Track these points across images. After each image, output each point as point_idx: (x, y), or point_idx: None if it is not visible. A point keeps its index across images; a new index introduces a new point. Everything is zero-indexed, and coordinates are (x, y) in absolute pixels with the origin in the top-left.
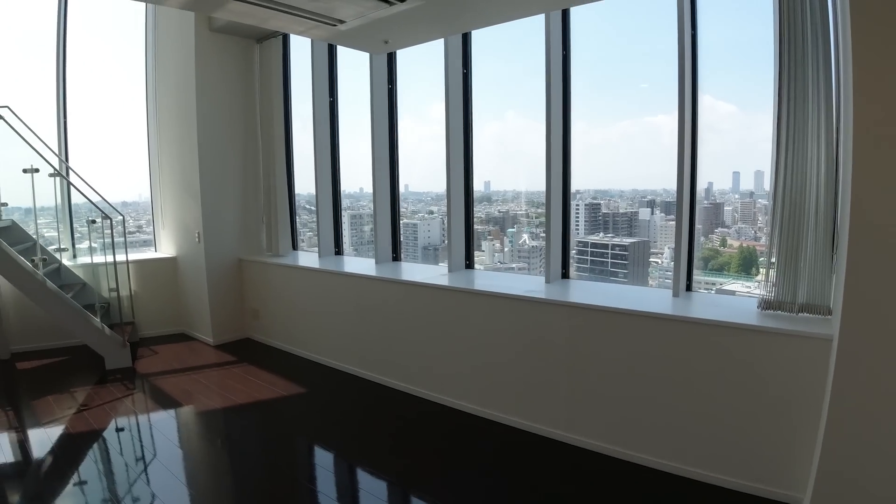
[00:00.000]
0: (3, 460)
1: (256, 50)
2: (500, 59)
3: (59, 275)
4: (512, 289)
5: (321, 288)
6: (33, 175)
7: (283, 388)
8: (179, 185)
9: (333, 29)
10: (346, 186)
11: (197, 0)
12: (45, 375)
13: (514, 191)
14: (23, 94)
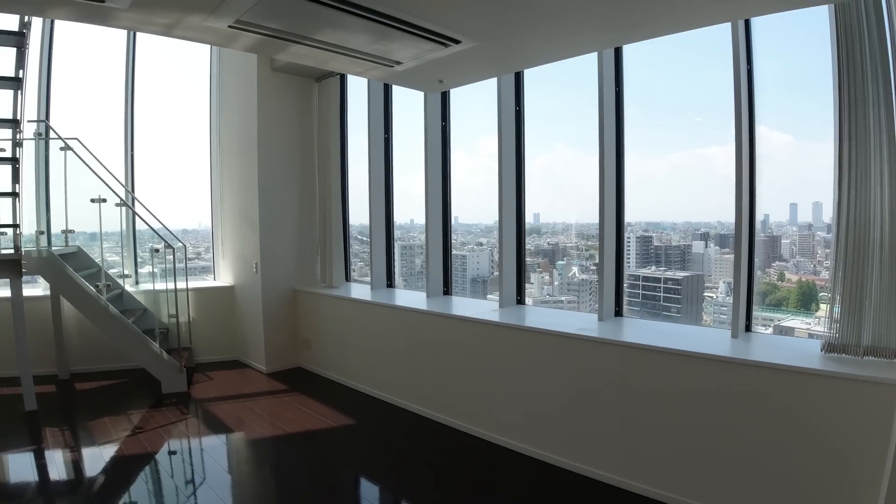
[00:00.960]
0: (57, 478)
1: (315, 88)
2: (550, 91)
3: (121, 300)
4: (564, 326)
5: (372, 320)
6: (100, 204)
7: (333, 419)
8: (239, 216)
9: (390, 70)
10: (397, 217)
11: (261, 43)
12: (103, 397)
13: (564, 223)
14: (93, 126)
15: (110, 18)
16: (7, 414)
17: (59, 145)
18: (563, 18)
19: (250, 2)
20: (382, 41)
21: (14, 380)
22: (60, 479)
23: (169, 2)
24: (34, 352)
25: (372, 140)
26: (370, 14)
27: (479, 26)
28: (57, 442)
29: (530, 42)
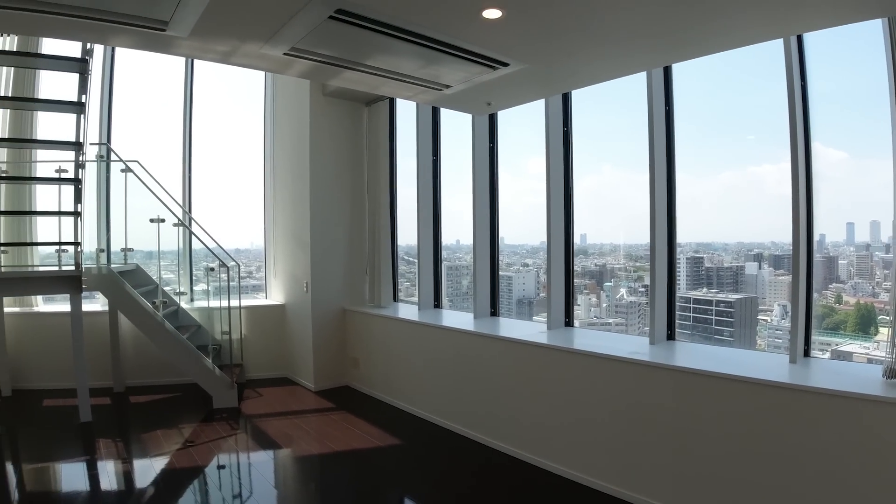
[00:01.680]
0: (108, 488)
1: (365, 112)
2: (595, 111)
3: (176, 316)
4: (614, 350)
5: (420, 340)
6: (159, 224)
7: (379, 439)
8: (291, 237)
9: (439, 93)
10: (443, 238)
11: (315, 69)
12: (156, 410)
13: (612, 244)
14: (153, 149)
15: (171, 46)
16: (63, 424)
17: (120, 167)
18: (613, 40)
19: (305, 30)
20: (432, 65)
21: (71, 391)
22: (111, 489)
23: (227, 30)
24: (91, 365)
25: (420, 162)
26: (421, 40)
27: (527, 49)
28: (110, 453)
29: (579, 63)
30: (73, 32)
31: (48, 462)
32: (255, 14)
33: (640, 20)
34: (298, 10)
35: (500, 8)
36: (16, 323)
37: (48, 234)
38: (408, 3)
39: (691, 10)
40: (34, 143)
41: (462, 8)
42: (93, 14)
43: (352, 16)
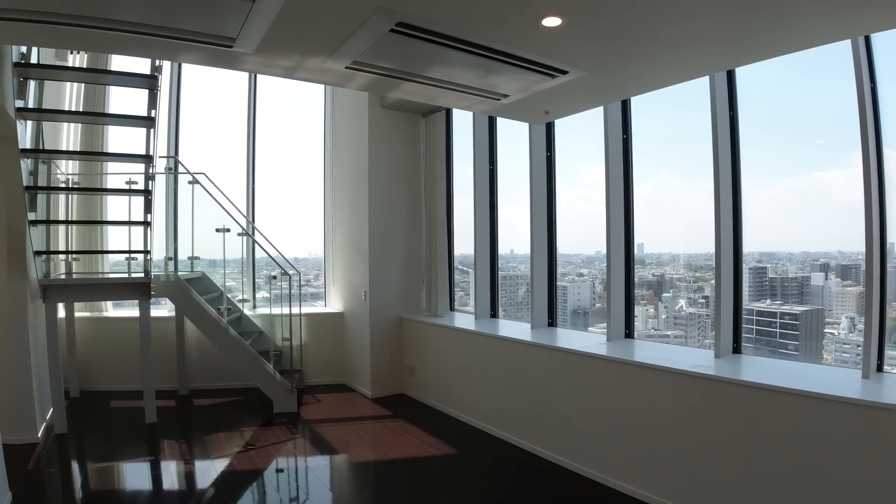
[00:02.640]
0: (170, 488)
1: (422, 123)
2: (653, 117)
3: (240, 323)
4: (677, 363)
5: (476, 350)
6: (224, 234)
7: (434, 448)
8: (350, 246)
9: (497, 103)
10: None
11: (375, 82)
12: (219, 413)
13: (670, 253)
14: (218, 161)
15: (237, 62)
16: (129, 425)
17: (188, 179)
18: (675, 45)
19: (366, 44)
20: (490, 75)
21: (138, 393)
22: (173, 489)
23: (291, 46)
24: (157, 368)
25: (477, 171)
26: (479, 50)
27: (587, 57)
28: (173, 454)
29: (640, 70)
30: (144, 50)
31: (114, 461)
32: (319, 29)
33: (703, 25)
34: (360, 25)
35: (560, 16)
36: (86, 327)
37: (117, 243)
38: (467, 14)
39: (757, 14)
40: (106, 156)
41: (521, 17)
42: (163, 32)
43: (412, 28)
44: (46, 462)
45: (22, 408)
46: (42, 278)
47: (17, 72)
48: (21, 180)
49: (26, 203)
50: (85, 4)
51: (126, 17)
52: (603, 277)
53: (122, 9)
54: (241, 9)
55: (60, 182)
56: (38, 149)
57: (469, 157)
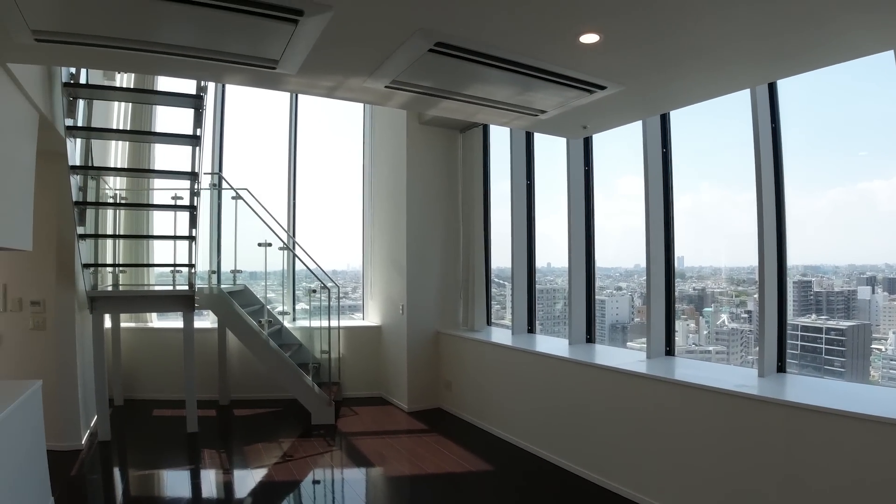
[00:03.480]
0: (209, 496)
1: (460, 139)
2: (693, 129)
3: (280, 335)
4: (720, 382)
5: (513, 365)
6: (266, 248)
7: (470, 463)
8: (388, 260)
9: (534, 118)
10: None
11: (414, 100)
12: (258, 423)
13: (711, 266)
14: (261, 177)
15: (280, 83)
16: (171, 434)
17: (231, 195)
18: (715, 60)
19: (406, 63)
20: (527, 92)
21: (179, 403)
22: (212, 497)
23: (332, 67)
24: (199, 378)
25: (514, 186)
26: (517, 67)
27: (626, 72)
28: (213, 463)
29: (679, 84)
30: (191, 72)
31: (154, 469)
32: (359, 50)
33: (744, 39)
34: (400, 45)
35: (598, 32)
36: (131, 337)
37: (162, 256)
38: (505, 32)
39: (800, 28)
40: (153, 173)
41: (559, 34)
42: (209, 55)
43: (450, 48)
44: (89, 468)
45: (67, 415)
46: (90, 290)
47: (67, 91)
48: (71, 195)
49: (75, 217)
50: (134, 28)
51: (173, 40)
52: (642, 291)
53: (170, 33)
54: (284, 32)
55: (109, 197)
56: (87, 165)
57: (506, 171)
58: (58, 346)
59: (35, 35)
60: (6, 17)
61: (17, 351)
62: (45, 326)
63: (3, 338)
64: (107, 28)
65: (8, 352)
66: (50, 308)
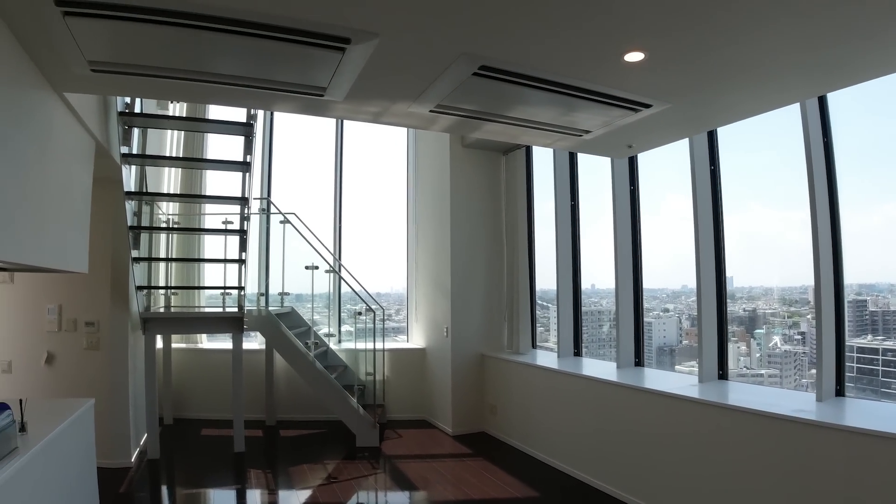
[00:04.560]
0: None
1: (503, 161)
2: (739, 147)
3: (325, 357)
4: (776, 406)
5: (560, 390)
6: (313, 271)
7: (516, 489)
8: (432, 282)
9: (578, 139)
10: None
11: (458, 124)
12: (303, 444)
13: (762, 287)
14: (308, 202)
15: (328, 110)
16: (219, 453)
17: (279, 219)
18: (763, 75)
19: (450, 87)
20: (572, 112)
21: (227, 422)
22: None
23: (378, 93)
24: (247, 399)
25: (558, 207)
26: (561, 88)
27: (671, 89)
28: (259, 483)
29: (726, 101)
30: (241, 100)
31: (202, 488)
32: (404, 76)
33: (792, 52)
34: (445, 70)
35: (643, 50)
36: (181, 358)
37: (213, 279)
38: (549, 54)
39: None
40: (205, 199)
41: (603, 54)
42: (259, 83)
43: (494, 70)
44: (137, 486)
45: (118, 433)
46: (143, 311)
47: (122, 120)
48: (126, 220)
49: (130, 241)
50: (186, 59)
51: (224, 70)
52: (690, 313)
53: (221, 63)
54: (332, 60)
55: (162, 222)
56: (142, 191)
57: (550, 192)
58: (111, 366)
59: (91, 65)
60: (64, 48)
61: (71, 370)
62: (98, 346)
63: (58, 357)
64: (159, 59)
65: (62, 371)
66: (104, 328)
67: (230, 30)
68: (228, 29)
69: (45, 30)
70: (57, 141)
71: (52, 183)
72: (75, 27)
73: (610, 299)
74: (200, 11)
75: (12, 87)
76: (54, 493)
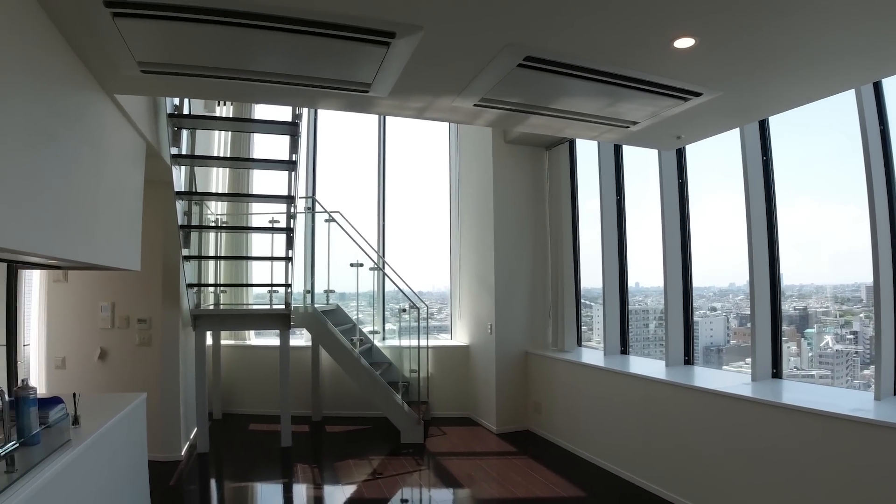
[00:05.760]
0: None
1: (546, 156)
2: (787, 138)
3: (370, 353)
4: (833, 406)
5: (607, 388)
6: (358, 269)
7: (561, 488)
8: (475, 280)
9: (625, 131)
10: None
11: (502, 117)
12: (349, 440)
13: (813, 284)
14: (352, 200)
15: (372, 106)
16: (266, 448)
17: (324, 217)
18: (819, 59)
19: (494, 80)
20: (618, 103)
21: (275, 417)
22: None
23: (422, 88)
24: (294, 394)
25: (604, 203)
26: (608, 78)
27: (723, 77)
28: (305, 477)
29: (780, 87)
30: (286, 98)
31: (249, 482)
32: (449, 69)
33: (849, 35)
34: (489, 62)
35: (693, 36)
36: (230, 354)
37: (260, 277)
38: (596, 42)
39: None
40: (252, 198)
41: (652, 41)
42: (304, 81)
43: (539, 61)
44: (187, 479)
45: (169, 427)
46: (193, 308)
47: (172, 122)
48: (176, 219)
49: (181, 240)
50: (233, 58)
51: (270, 68)
52: (738, 312)
53: (267, 61)
54: (376, 55)
55: (211, 221)
56: (191, 191)
57: (594, 187)
58: (162, 362)
59: (141, 66)
60: (114, 50)
61: (123, 366)
62: (150, 343)
63: (111, 353)
64: (207, 58)
65: (115, 366)
66: (156, 325)
67: (276, 27)
68: (275, 26)
69: (95, 31)
70: (109, 142)
71: (105, 183)
72: (125, 28)
73: (655, 297)
74: (247, 9)
75: (64, 89)
76: (106, 484)
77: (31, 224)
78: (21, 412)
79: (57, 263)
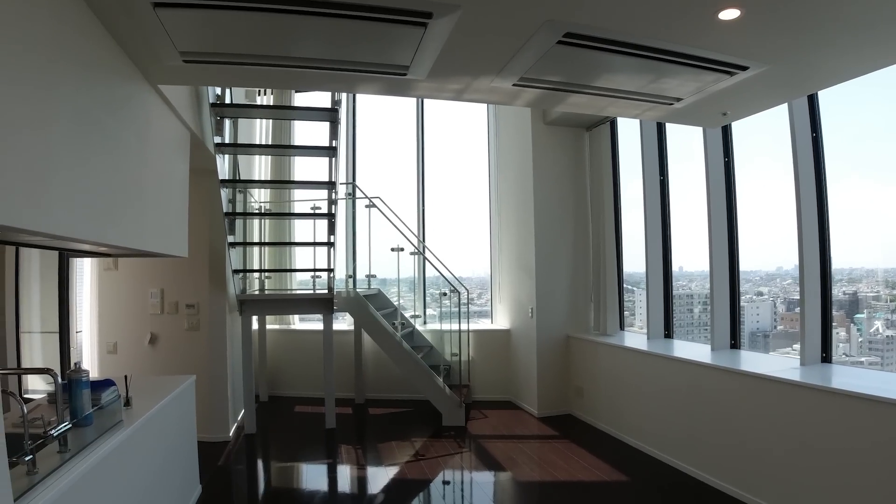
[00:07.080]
0: (344, 490)
1: (586, 137)
2: (835, 114)
3: (412, 337)
4: (885, 391)
5: (650, 372)
6: (398, 253)
7: (604, 472)
8: (516, 263)
9: (669, 108)
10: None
11: (542, 97)
12: (391, 422)
13: (863, 268)
14: (392, 185)
15: (411, 89)
16: (311, 429)
17: (365, 203)
18: (869, 27)
19: (534, 58)
20: (662, 79)
21: (319, 400)
22: (346, 492)
23: (460, 68)
24: (337, 377)
25: (647, 183)
26: (651, 53)
27: (770, 49)
28: (349, 458)
29: (830, 59)
30: (325, 84)
31: (295, 462)
32: (487, 49)
33: None
34: (528, 39)
35: (739, 7)
36: (275, 338)
37: (303, 262)
38: (638, 16)
39: None
40: (294, 184)
41: (695, 12)
42: (342, 66)
43: (579, 37)
44: (235, 459)
45: (217, 409)
46: (239, 294)
47: (214, 112)
48: (221, 207)
49: (226, 227)
50: (272, 44)
51: (309, 53)
52: (785, 296)
53: (305, 46)
54: (414, 36)
55: (255, 208)
56: (235, 179)
57: (636, 168)
58: (210, 345)
59: (183, 56)
60: (156, 40)
61: (173, 350)
62: (198, 327)
63: (161, 338)
64: (247, 46)
65: (165, 350)
66: (203, 310)
67: (315, 11)
68: (313, 11)
69: (137, 23)
70: (154, 132)
71: (152, 171)
72: (166, 18)
73: (699, 282)
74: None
75: (110, 80)
76: (156, 463)
77: (83, 212)
78: (74, 394)
79: (107, 251)
